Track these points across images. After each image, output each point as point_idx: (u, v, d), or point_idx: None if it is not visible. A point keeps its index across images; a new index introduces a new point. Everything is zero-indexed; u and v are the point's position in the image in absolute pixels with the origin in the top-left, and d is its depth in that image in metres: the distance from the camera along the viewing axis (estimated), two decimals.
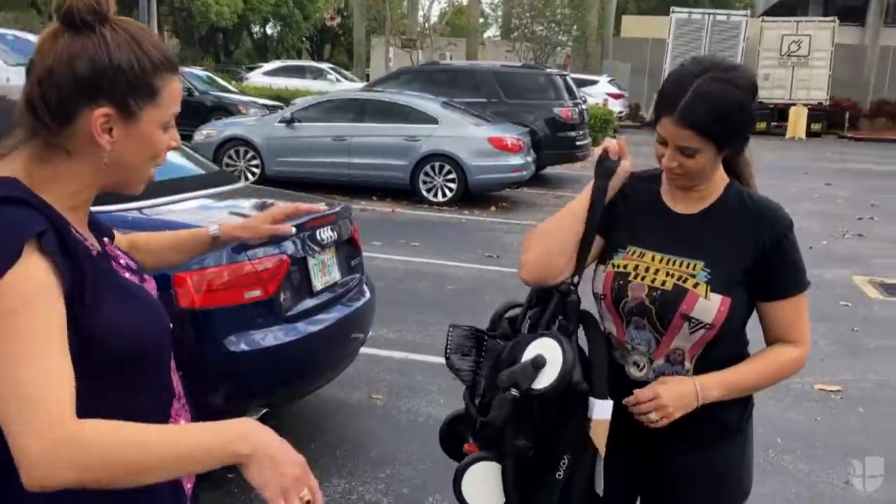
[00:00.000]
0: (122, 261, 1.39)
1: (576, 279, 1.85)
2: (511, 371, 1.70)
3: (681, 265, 1.81)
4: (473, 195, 11.15)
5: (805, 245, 8.91)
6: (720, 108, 1.69)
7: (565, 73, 15.40)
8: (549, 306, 1.83)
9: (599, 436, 1.75)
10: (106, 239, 1.40)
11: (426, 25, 30.68)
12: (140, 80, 1.23)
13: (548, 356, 1.68)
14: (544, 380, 1.67)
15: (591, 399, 1.74)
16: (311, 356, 3.63)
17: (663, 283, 1.80)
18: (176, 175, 3.96)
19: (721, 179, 1.86)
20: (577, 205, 1.86)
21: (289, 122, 11.53)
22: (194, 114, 16.44)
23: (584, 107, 14.27)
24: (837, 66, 27.14)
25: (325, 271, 3.80)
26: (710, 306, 1.76)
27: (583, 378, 1.72)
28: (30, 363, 1.08)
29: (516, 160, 11.09)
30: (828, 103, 26.71)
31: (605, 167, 1.86)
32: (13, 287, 1.10)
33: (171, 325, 1.39)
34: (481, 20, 35.20)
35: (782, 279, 1.82)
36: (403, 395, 4.60)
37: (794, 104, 26.21)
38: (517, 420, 1.71)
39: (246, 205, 4.27)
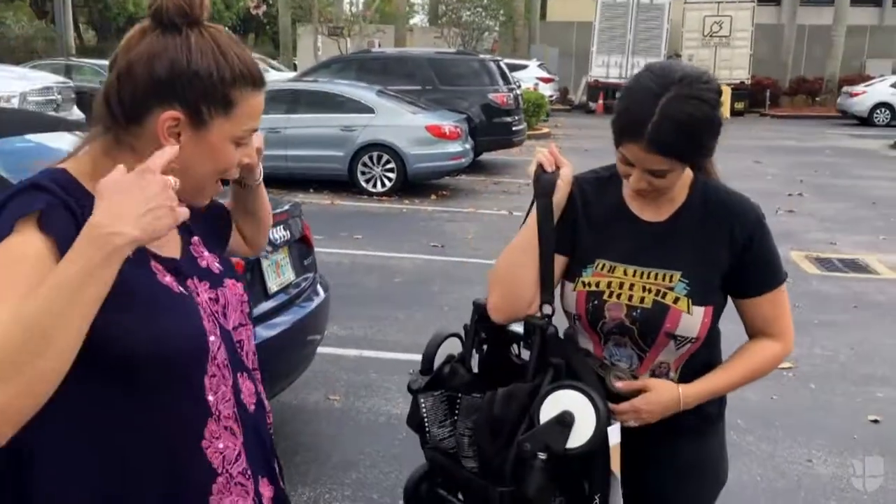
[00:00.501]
0: (201, 262, 1.35)
1: (546, 309, 1.71)
2: (535, 434, 1.56)
3: (656, 277, 1.71)
4: (413, 184, 11.03)
5: None
6: (690, 130, 1.57)
7: (498, 58, 15.38)
8: (533, 348, 1.68)
9: (616, 460, 1.65)
10: (196, 238, 1.38)
11: (352, 12, 30.28)
12: (216, 89, 1.20)
13: (575, 411, 1.55)
14: (578, 437, 1.54)
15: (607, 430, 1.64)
16: (269, 361, 3.47)
17: (642, 301, 1.70)
18: None
19: (687, 177, 1.76)
20: (527, 233, 1.73)
21: None
22: None
23: (518, 92, 14.28)
24: (757, 45, 27.84)
25: (279, 272, 3.66)
26: (693, 321, 1.69)
27: None
28: None
29: (455, 147, 11.01)
30: (749, 82, 27.38)
31: (544, 183, 1.71)
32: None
33: (219, 338, 1.29)
34: (407, 7, 34.91)
35: (758, 275, 1.75)
36: (361, 394, 4.49)
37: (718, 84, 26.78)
38: (549, 481, 1.59)
39: None
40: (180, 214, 1.10)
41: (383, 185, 10.86)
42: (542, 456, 1.54)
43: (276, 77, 22.34)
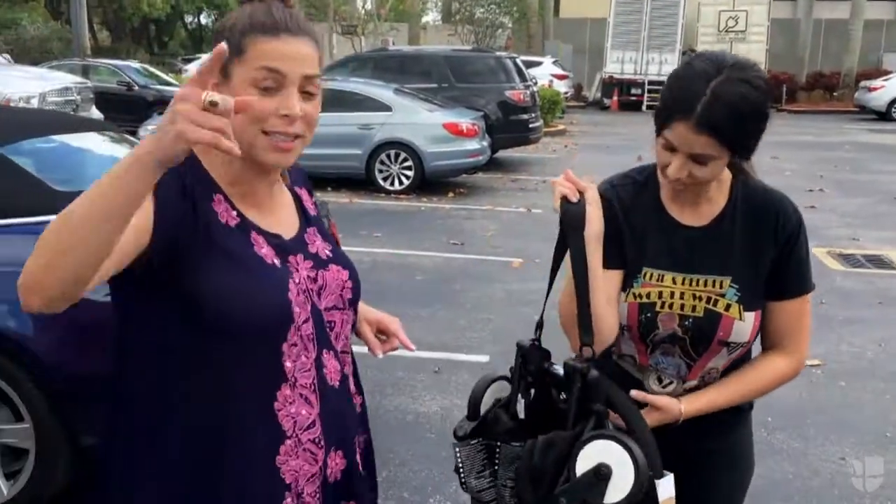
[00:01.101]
0: (311, 248, 1.45)
1: (587, 352, 1.59)
2: (571, 488, 1.48)
3: (706, 284, 1.68)
4: (430, 182, 11.03)
5: None
6: (741, 112, 1.53)
7: (514, 55, 15.34)
8: (573, 394, 1.56)
9: None
10: (313, 228, 1.49)
11: (364, 10, 30.32)
12: (232, 41, 1.29)
13: (612, 463, 1.46)
14: (616, 492, 1.45)
15: (656, 482, 1.52)
16: None
17: (693, 309, 1.67)
18: None
19: (726, 178, 1.72)
20: (569, 279, 1.61)
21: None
22: (135, 108, 16.01)
23: (535, 89, 14.24)
24: (773, 40, 27.67)
25: None
26: (745, 327, 1.67)
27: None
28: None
29: (472, 145, 10.99)
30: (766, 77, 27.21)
31: (572, 216, 1.56)
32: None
33: (308, 314, 1.38)
34: (421, 5, 34.90)
35: (789, 278, 1.71)
36: (388, 392, 4.49)
37: None
38: None
39: None
40: (189, 133, 1.01)
41: (401, 182, 10.86)
42: None
43: None
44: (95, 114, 12.40)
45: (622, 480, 1.44)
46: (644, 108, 26.66)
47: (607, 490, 1.44)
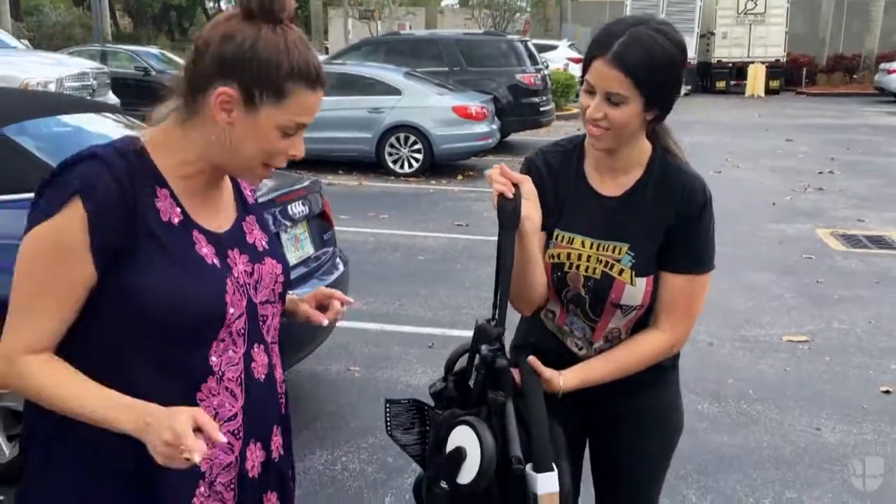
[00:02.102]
0: (248, 238, 1.50)
1: (500, 336, 1.70)
2: (436, 464, 1.62)
3: (607, 249, 1.81)
4: (440, 165, 11.14)
5: (769, 200, 9.04)
6: (653, 57, 1.65)
7: (526, 38, 15.37)
8: (477, 379, 1.69)
9: None
10: (251, 217, 1.54)
11: None
12: (270, 77, 1.31)
13: (468, 447, 1.56)
14: (467, 474, 1.55)
15: (534, 475, 1.60)
16: (287, 331, 3.62)
17: (594, 272, 1.81)
18: None
19: (645, 152, 1.82)
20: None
21: None
22: (151, 94, 16.07)
23: (546, 72, 14.28)
24: (793, 22, 27.38)
25: (297, 245, 3.80)
26: (636, 291, 1.80)
27: (523, 448, 1.60)
28: (30, 302, 1.32)
29: (481, 128, 11.08)
30: (785, 60, 26.97)
31: (508, 213, 1.66)
32: (45, 234, 1.29)
33: (242, 310, 1.43)
34: None
35: (680, 252, 1.80)
36: (381, 365, 4.63)
37: (753, 62, 26.44)
38: None
39: None
40: (168, 464, 1.24)
41: (410, 165, 10.98)
42: (443, 485, 1.60)
43: None
44: (112, 98, 12.61)
45: (473, 464, 1.55)
46: None
47: (461, 471, 1.57)
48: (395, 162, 11.00)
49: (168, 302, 1.32)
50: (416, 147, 10.92)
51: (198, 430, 1.23)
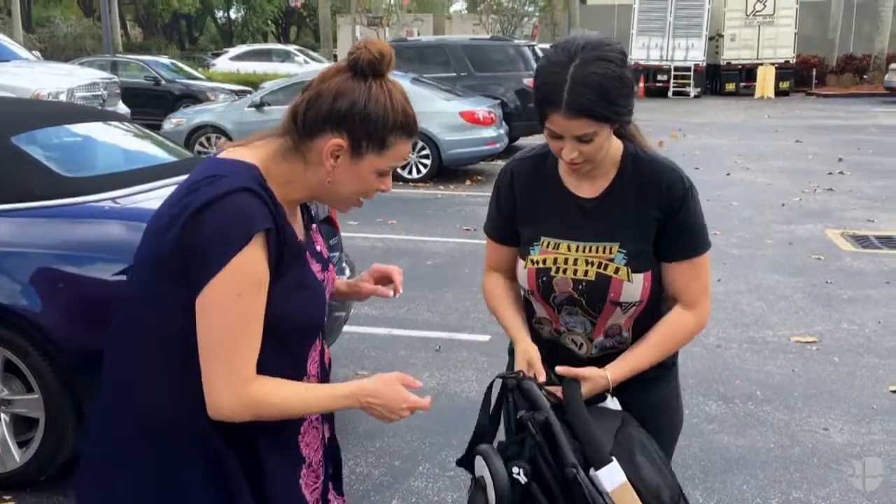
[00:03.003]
0: (317, 247, 1.66)
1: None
2: (471, 490, 1.69)
3: (597, 251, 1.83)
4: (448, 170, 11.16)
5: (778, 202, 8.99)
6: (604, 88, 1.65)
7: (533, 43, 15.40)
8: (508, 403, 1.79)
9: (629, 500, 1.59)
10: (315, 226, 1.68)
11: (390, 2, 30.44)
12: (377, 132, 1.48)
13: (486, 476, 1.62)
14: (491, 499, 1.60)
15: (596, 474, 1.59)
16: None
17: (586, 274, 1.82)
18: (149, 163, 3.96)
19: (617, 149, 1.84)
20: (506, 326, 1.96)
21: (259, 106, 11.46)
22: (162, 103, 16.34)
23: None
24: (803, 23, 27.31)
25: None
26: (634, 288, 1.81)
27: (579, 451, 1.62)
28: (240, 337, 1.42)
29: (489, 133, 11.11)
30: (795, 61, 26.90)
31: (533, 397, 1.72)
32: (239, 271, 1.39)
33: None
34: None
35: (678, 242, 1.84)
36: (388, 369, 4.60)
37: (762, 64, 26.39)
38: None
39: None
40: (388, 420, 1.54)
41: (419, 171, 11.01)
42: None
43: (316, 68, 22.62)
44: (122, 108, 12.70)
45: (491, 491, 1.61)
46: (670, 94, 26.51)
47: (487, 498, 1.62)
48: (403, 167, 11.01)
49: (299, 317, 1.52)
50: (424, 152, 10.95)
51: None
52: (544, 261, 1.86)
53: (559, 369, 1.81)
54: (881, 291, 6.13)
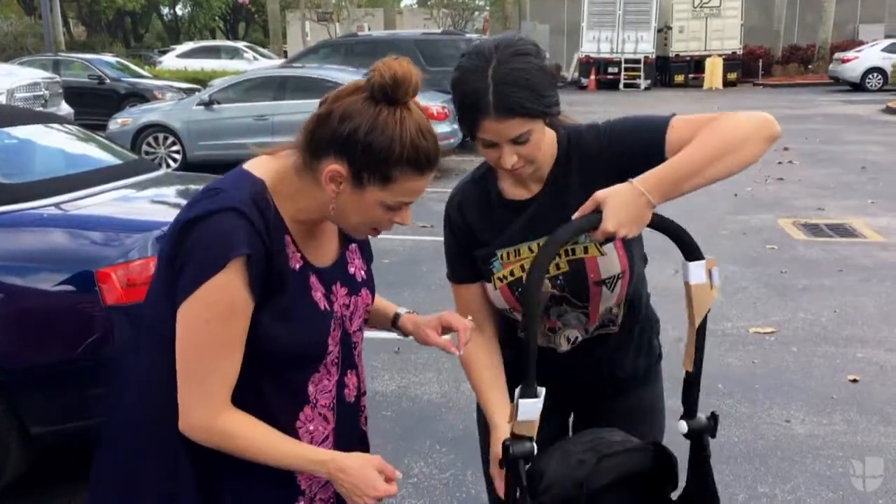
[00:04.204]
0: (350, 269, 1.58)
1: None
2: None
3: None
4: None
5: (730, 192, 9.04)
6: (529, 82, 1.57)
7: (485, 37, 15.36)
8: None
9: (704, 297, 1.64)
10: (354, 245, 1.61)
11: None
12: (379, 164, 1.36)
13: None
14: None
15: (686, 263, 1.60)
16: None
17: (558, 267, 1.74)
18: (91, 167, 3.81)
19: (551, 138, 1.75)
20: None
21: (207, 104, 11.23)
22: (106, 102, 15.94)
23: None
24: (748, 14, 27.76)
25: None
26: (610, 259, 1.73)
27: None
28: (210, 363, 1.38)
29: (444, 128, 11.04)
30: (741, 52, 27.31)
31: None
32: (210, 297, 1.34)
33: (337, 342, 1.53)
34: None
35: (643, 139, 1.67)
36: None
37: (710, 55, 26.74)
38: None
39: (169, 192, 4.13)
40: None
41: None
42: None
43: (265, 64, 22.34)
44: (65, 108, 12.35)
45: None
46: (621, 86, 26.73)
47: None
48: None
49: (283, 347, 1.42)
50: None
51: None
52: (511, 272, 1.77)
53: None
54: (834, 280, 6.21)
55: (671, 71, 27.77)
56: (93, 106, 15.32)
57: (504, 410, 1.70)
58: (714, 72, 26.30)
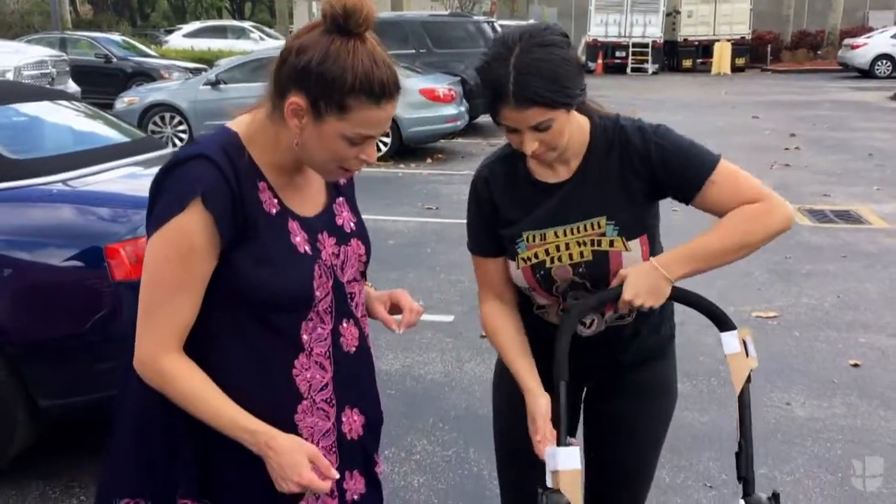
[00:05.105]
0: (337, 220, 1.60)
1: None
2: None
3: (586, 229, 1.76)
4: (409, 148, 11.06)
5: None
6: (550, 72, 1.59)
7: (493, 20, 15.31)
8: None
9: (735, 366, 1.74)
10: (341, 199, 1.63)
11: None
12: (332, 93, 1.37)
13: None
14: None
15: (721, 334, 1.71)
16: None
17: (582, 255, 1.77)
18: (100, 144, 3.83)
19: (584, 125, 1.78)
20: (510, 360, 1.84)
21: (214, 84, 11.23)
22: (113, 81, 15.95)
23: None
24: None
25: None
26: (634, 255, 1.77)
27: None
28: (162, 302, 1.42)
29: (450, 110, 11.02)
30: (750, 37, 27.14)
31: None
32: (170, 236, 1.39)
33: (328, 290, 1.54)
34: None
35: (682, 175, 1.74)
36: None
37: (718, 40, 26.58)
38: None
39: None
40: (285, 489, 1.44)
41: (379, 149, 10.86)
42: None
43: (272, 45, 22.27)
44: (72, 86, 12.37)
45: None
46: (629, 70, 26.60)
47: None
48: None
49: (264, 291, 1.44)
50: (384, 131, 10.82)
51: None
52: (535, 255, 1.79)
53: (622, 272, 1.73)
54: (839, 266, 6.21)
55: (679, 55, 27.62)
56: (99, 85, 15.33)
57: (534, 373, 1.80)
58: (722, 57, 26.15)
